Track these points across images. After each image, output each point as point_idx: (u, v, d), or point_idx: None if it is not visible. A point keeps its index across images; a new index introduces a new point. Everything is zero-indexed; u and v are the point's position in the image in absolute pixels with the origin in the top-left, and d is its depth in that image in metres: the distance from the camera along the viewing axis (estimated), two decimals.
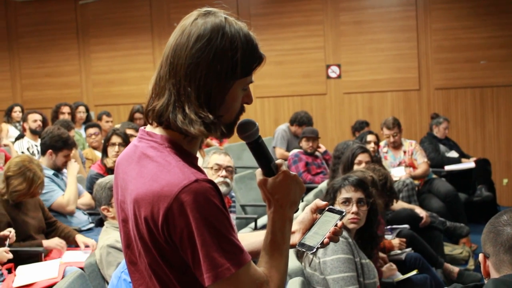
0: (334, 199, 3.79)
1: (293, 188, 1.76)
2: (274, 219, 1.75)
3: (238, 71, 1.67)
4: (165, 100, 1.67)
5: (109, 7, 12.15)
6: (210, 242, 1.56)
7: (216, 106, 1.67)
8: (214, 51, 1.65)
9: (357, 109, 11.07)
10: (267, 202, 1.78)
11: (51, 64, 12.60)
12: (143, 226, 1.64)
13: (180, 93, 1.66)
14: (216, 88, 1.66)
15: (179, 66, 1.66)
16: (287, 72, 11.09)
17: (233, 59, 1.66)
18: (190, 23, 1.70)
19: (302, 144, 8.00)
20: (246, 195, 6.86)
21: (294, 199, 1.77)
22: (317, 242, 1.89)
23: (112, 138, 6.25)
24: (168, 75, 1.68)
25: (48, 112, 9.68)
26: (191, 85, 1.65)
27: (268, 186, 1.75)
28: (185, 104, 1.65)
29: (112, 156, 6.22)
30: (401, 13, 10.74)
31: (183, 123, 1.64)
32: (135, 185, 1.68)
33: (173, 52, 1.69)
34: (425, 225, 6.18)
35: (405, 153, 7.69)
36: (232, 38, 1.67)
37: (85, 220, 5.72)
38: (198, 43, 1.66)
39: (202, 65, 1.64)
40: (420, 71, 10.70)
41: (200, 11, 1.73)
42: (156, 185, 1.61)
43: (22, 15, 12.71)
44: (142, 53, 12.02)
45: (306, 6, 11.15)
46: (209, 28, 1.67)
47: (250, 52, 1.70)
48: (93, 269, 3.81)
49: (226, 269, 1.57)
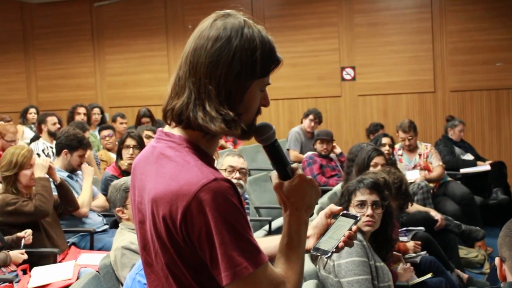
0: (349, 202, 3.76)
1: (309, 191, 1.77)
2: (290, 222, 1.76)
3: (258, 71, 1.68)
4: (185, 98, 1.68)
5: (124, 9, 12.19)
6: (229, 241, 1.56)
7: (236, 104, 1.67)
8: (234, 50, 1.66)
9: (372, 111, 11.04)
10: (283, 206, 1.78)
11: (66, 66, 12.66)
12: (161, 225, 1.64)
13: (200, 91, 1.66)
14: (236, 87, 1.67)
15: (199, 65, 1.67)
16: (302, 74, 11.08)
17: (252, 58, 1.67)
18: (209, 24, 1.71)
19: (316, 146, 7.99)
20: (260, 197, 6.85)
21: (309, 203, 1.78)
22: (332, 246, 1.89)
23: (126, 140, 6.27)
24: (188, 74, 1.69)
25: (63, 113, 9.73)
26: (212, 83, 1.65)
27: (284, 190, 1.75)
28: (206, 101, 1.65)
29: (127, 158, 6.23)
30: (416, 15, 10.70)
31: (204, 120, 1.65)
32: (153, 184, 1.68)
33: (193, 52, 1.70)
34: (440, 228, 6.14)
35: (420, 156, 7.65)
36: (251, 38, 1.68)
37: (99, 222, 5.73)
38: (218, 42, 1.67)
39: (222, 64, 1.65)
40: (435, 73, 10.66)
41: (219, 13, 1.74)
42: (174, 184, 1.61)
43: (37, 17, 12.79)
44: (157, 55, 12.05)
45: (320, 8, 11.14)
46: (229, 28, 1.68)
47: (268, 53, 1.71)
48: (108, 271, 3.82)
49: (244, 268, 1.56)
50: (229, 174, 4.81)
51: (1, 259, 4.48)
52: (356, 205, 3.73)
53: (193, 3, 11.68)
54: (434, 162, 7.58)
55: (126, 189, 4.04)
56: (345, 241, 1.90)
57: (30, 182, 5.07)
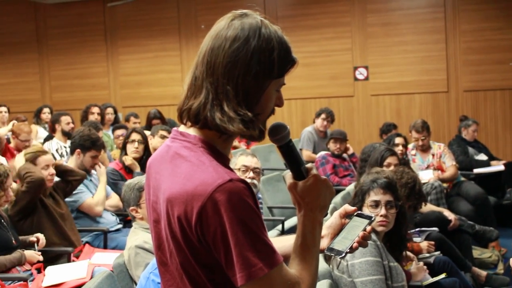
0: (362, 202, 3.76)
1: (323, 192, 1.76)
2: (304, 222, 1.75)
3: (275, 71, 1.69)
4: (202, 98, 1.68)
5: (138, 9, 12.23)
6: (244, 241, 1.56)
7: (253, 105, 1.67)
8: (252, 50, 1.66)
9: (385, 111, 11.01)
10: (297, 206, 1.77)
11: (80, 66, 12.72)
12: (176, 225, 1.64)
13: (218, 91, 1.66)
14: (254, 87, 1.67)
15: (217, 65, 1.67)
16: (314, 74, 11.07)
17: (270, 59, 1.67)
18: (226, 24, 1.71)
19: (329, 146, 7.98)
20: (273, 197, 6.85)
21: (324, 203, 1.77)
22: (346, 246, 1.89)
23: (131, 135, 6.37)
24: (205, 74, 1.69)
25: (76, 113, 9.77)
26: (229, 83, 1.65)
27: (298, 190, 1.75)
28: (224, 101, 1.65)
29: (132, 152, 6.29)
30: (429, 15, 10.67)
31: (222, 120, 1.64)
32: (168, 184, 1.68)
33: (210, 52, 1.69)
34: (454, 228, 6.11)
35: (433, 156, 7.62)
36: (268, 38, 1.68)
37: (113, 221, 5.75)
38: (235, 42, 1.67)
39: (240, 64, 1.65)
40: (449, 73, 10.62)
41: (236, 13, 1.74)
42: (189, 184, 1.61)
43: (51, 17, 12.85)
44: (170, 55, 12.08)
45: (333, 8, 11.13)
46: (247, 28, 1.68)
47: (285, 53, 1.71)
48: (122, 270, 3.82)
49: (259, 269, 1.56)
50: (243, 173, 4.81)
51: (16, 258, 4.51)
52: (370, 205, 3.72)
53: (206, 3, 11.70)
54: (448, 162, 7.55)
55: (140, 188, 4.05)
56: (359, 241, 1.90)
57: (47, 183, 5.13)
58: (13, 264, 4.49)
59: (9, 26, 13.11)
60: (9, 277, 4.42)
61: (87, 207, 5.61)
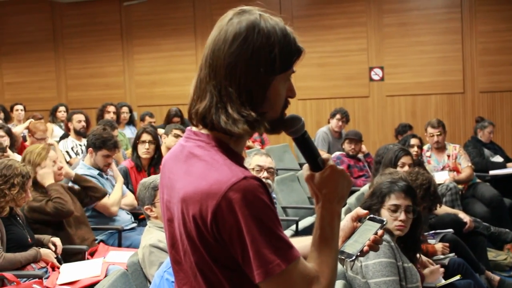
0: (381, 203, 3.73)
1: (341, 182, 1.75)
2: (322, 214, 1.74)
3: (277, 67, 1.67)
4: (207, 102, 1.68)
5: (153, 8, 12.26)
6: (260, 238, 1.56)
7: (259, 103, 1.66)
8: (252, 49, 1.64)
9: (400, 112, 10.98)
10: (315, 198, 1.77)
11: (95, 65, 12.78)
12: (191, 224, 1.64)
13: (221, 94, 1.66)
14: (256, 85, 1.65)
15: (218, 67, 1.66)
16: (330, 74, 11.06)
17: (271, 55, 1.65)
18: (225, 23, 1.71)
19: (344, 146, 7.96)
20: (288, 197, 6.84)
21: (342, 194, 1.76)
22: (357, 250, 1.89)
23: (142, 135, 6.33)
24: (208, 77, 1.68)
25: (92, 112, 9.81)
26: (232, 85, 1.65)
27: (315, 181, 1.74)
28: (227, 104, 1.65)
29: (142, 153, 6.29)
30: (446, 15, 10.63)
31: (227, 123, 1.64)
32: (183, 183, 1.68)
33: (212, 54, 1.69)
34: (469, 230, 6.08)
35: (449, 157, 7.58)
36: (268, 33, 1.66)
37: (128, 220, 5.76)
38: (235, 42, 1.65)
39: (240, 64, 1.64)
40: (465, 74, 10.57)
41: (235, 10, 1.73)
42: (204, 183, 1.61)
43: (67, 16, 12.92)
44: (185, 54, 12.11)
45: (349, 8, 11.11)
46: (245, 26, 1.67)
47: (288, 46, 1.69)
48: (136, 268, 3.83)
49: (276, 265, 1.56)
50: (257, 173, 4.81)
51: (31, 255, 4.53)
52: (389, 208, 3.68)
53: (221, 2, 11.70)
54: (463, 163, 7.52)
55: (155, 187, 4.06)
56: (370, 245, 1.90)
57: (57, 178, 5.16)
58: (28, 261, 4.51)
59: (26, 25, 13.19)
60: (24, 274, 4.44)
61: (102, 207, 5.61)
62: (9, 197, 4.51)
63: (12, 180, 4.52)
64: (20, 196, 4.56)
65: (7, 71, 13.50)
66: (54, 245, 4.79)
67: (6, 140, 6.83)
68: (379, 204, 3.70)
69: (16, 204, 4.62)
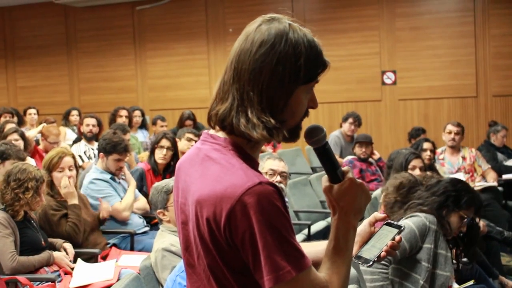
0: (453, 210, 3.80)
1: (359, 195, 1.75)
2: (338, 226, 1.74)
3: (301, 77, 1.68)
4: (228, 104, 1.68)
5: (166, 13, 12.30)
6: (272, 244, 1.56)
7: (279, 111, 1.67)
8: (278, 56, 1.65)
9: (412, 116, 10.95)
10: (332, 209, 1.76)
11: (108, 69, 12.83)
12: (204, 227, 1.64)
13: (243, 98, 1.66)
14: (279, 93, 1.66)
15: (243, 71, 1.67)
16: (342, 78, 11.03)
17: (296, 64, 1.66)
18: (254, 29, 1.71)
19: (355, 150, 7.95)
20: (300, 201, 6.83)
21: (359, 207, 1.76)
22: (374, 255, 1.88)
23: (161, 141, 6.32)
24: (232, 80, 1.69)
25: (105, 116, 9.84)
26: (254, 89, 1.65)
27: (333, 193, 1.74)
28: (248, 108, 1.65)
29: (159, 158, 6.28)
30: (459, 19, 10.59)
31: (246, 127, 1.65)
32: (198, 186, 1.69)
33: (237, 58, 1.69)
34: (483, 234, 6.06)
35: (464, 159, 7.56)
36: (296, 44, 1.67)
37: (140, 224, 5.77)
38: (261, 48, 1.66)
39: (265, 70, 1.65)
40: (478, 77, 10.53)
41: (265, 17, 1.73)
42: (219, 187, 1.61)
43: (81, 20, 12.97)
44: (198, 59, 12.12)
45: (361, 12, 11.09)
46: (273, 33, 1.67)
47: (314, 58, 1.70)
48: (148, 272, 3.84)
49: (287, 272, 1.56)
50: (270, 177, 4.80)
51: (44, 258, 4.55)
52: (461, 217, 3.78)
53: (234, 6, 11.73)
54: (484, 165, 7.53)
55: (167, 191, 4.06)
56: (387, 250, 1.88)
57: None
58: (41, 264, 4.53)
59: (39, 29, 13.27)
60: (37, 277, 4.46)
61: (114, 212, 5.62)
62: (24, 201, 4.53)
63: (26, 184, 4.54)
64: (34, 200, 4.58)
65: (21, 75, 13.57)
66: (66, 251, 4.81)
67: (21, 143, 6.86)
68: (453, 207, 3.78)
69: (30, 208, 4.64)
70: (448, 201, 3.83)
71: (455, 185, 3.85)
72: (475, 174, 7.54)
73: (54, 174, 5.14)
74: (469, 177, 7.37)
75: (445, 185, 3.87)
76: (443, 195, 3.86)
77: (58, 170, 5.14)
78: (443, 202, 3.77)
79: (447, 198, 3.84)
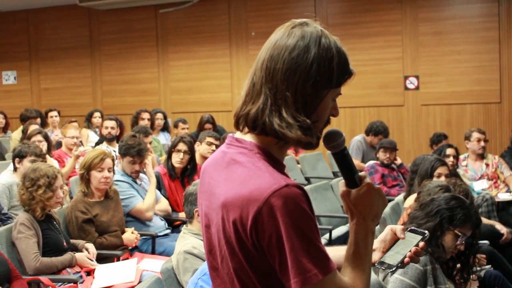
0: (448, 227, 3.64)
1: (376, 201, 1.75)
2: (356, 231, 1.75)
3: (334, 80, 1.69)
4: (260, 104, 1.68)
5: (189, 16, 12.33)
6: (299, 247, 1.56)
7: (311, 113, 1.68)
8: (312, 59, 1.66)
9: (435, 121, 10.88)
10: (349, 214, 1.77)
11: (131, 71, 12.89)
12: (230, 230, 1.65)
13: (277, 97, 1.66)
14: (312, 95, 1.67)
15: (276, 71, 1.67)
16: (364, 82, 10.99)
17: (329, 68, 1.68)
18: (286, 32, 1.72)
19: (379, 155, 7.91)
20: (321, 205, 6.81)
21: (376, 212, 1.77)
22: (397, 261, 1.89)
23: (178, 145, 6.31)
24: (264, 79, 1.69)
25: (127, 118, 9.89)
26: (289, 89, 1.66)
27: (351, 198, 1.74)
28: (282, 107, 1.66)
29: (176, 162, 6.27)
30: (483, 24, 10.51)
31: (280, 126, 1.65)
32: (224, 189, 1.69)
33: (270, 58, 1.69)
34: (506, 242, 6.01)
35: (487, 165, 7.51)
36: (328, 48, 1.69)
37: (161, 226, 5.78)
38: (296, 50, 1.67)
39: (300, 71, 1.66)
40: (502, 83, 10.45)
41: (295, 21, 1.75)
42: (245, 189, 1.62)
43: (104, 23, 13.05)
44: (220, 62, 12.14)
45: (384, 17, 11.05)
46: (307, 37, 1.69)
47: (344, 64, 1.72)
48: (170, 275, 3.84)
49: (314, 275, 1.57)
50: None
51: (66, 260, 4.58)
52: (457, 235, 3.61)
53: (256, 10, 11.73)
54: (506, 172, 7.46)
55: None
56: (411, 256, 1.89)
57: (99, 185, 5.21)
58: (64, 266, 4.56)
59: (63, 31, 13.37)
60: (60, 278, 4.49)
61: (137, 212, 5.64)
62: (37, 199, 4.59)
63: (38, 181, 4.61)
64: (47, 196, 4.61)
65: (44, 77, 13.68)
66: (87, 251, 4.84)
67: (44, 145, 6.91)
68: (448, 226, 3.60)
69: (45, 205, 4.66)
70: (443, 222, 3.70)
71: (448, 203, 3.65)
72: (499, 181, 7.48)
73: (92, 172, 5.22)
74: (493, 184, 7.32)
75: (438, 204, 3.71)
76: (437, 216, 3.69)
77: (98, 169, 5.22)
78: (437, 224, 3.63)
79: (441, 219, 3.71)
